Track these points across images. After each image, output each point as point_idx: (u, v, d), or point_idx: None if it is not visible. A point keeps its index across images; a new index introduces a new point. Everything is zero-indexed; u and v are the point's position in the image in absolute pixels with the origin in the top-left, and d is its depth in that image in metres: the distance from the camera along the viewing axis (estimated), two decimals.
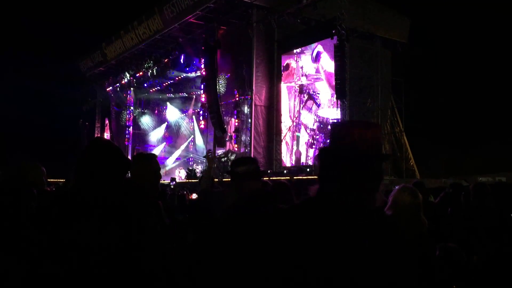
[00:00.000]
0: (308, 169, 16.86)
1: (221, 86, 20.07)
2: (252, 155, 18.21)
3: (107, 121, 30.43)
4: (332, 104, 17.07)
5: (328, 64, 17.22)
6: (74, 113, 30.22)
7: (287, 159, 18.76)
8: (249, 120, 19.19)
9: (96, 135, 30.07)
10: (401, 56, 19.78)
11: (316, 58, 17.76)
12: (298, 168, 17.57)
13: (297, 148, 18.44)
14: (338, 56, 15.41)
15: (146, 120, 29.37)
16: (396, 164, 19.69)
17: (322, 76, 17.60)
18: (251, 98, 18.71)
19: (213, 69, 18.95)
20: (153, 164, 3.11)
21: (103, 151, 2.17)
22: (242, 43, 19.10)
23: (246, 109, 20.14)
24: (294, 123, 18.63)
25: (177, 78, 25.44)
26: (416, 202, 3.16)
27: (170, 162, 27.83)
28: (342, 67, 15.40)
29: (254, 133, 18.56)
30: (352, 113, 17.35)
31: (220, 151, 20.25)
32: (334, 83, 15.99)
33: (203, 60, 20.44)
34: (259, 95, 18.75)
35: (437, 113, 19.68)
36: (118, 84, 28.15)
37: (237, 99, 20.49)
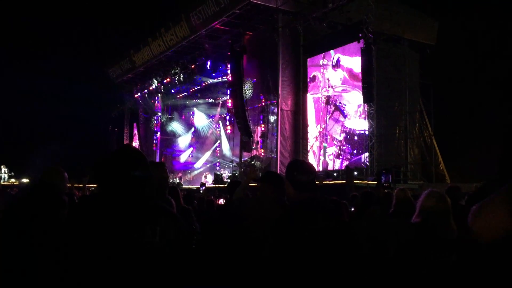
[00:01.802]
0: (335, 174, 16.73)
1: (248, 91, 20.15)
2: (278, 160, 18.21)
3: (135, 127, 30.92)
4: (359, 115, 16.95)
5: (348, 62, 17.20)
6: (104, 120, 30.84)
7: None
8: (275, 125, 19.19)
9: (124, 141, 30.58)
10: (430, 58, 19.46)
11: (337, 63, 17.71)
12: (326, 172, 17.46)
13: (324, 158, 18.32)
14: (365, 60, 15.28)
15: (173, 126, 29.70)
16: (426, 169, 19.35)
17: (346, 75, 17.45)
18: (277, 103, 18.70)
19: (239, 75, 19.05)
20: (159, 171, 3.23)
21: (128, 158, 2.20)
22: (268, 48, 19.15)
23: (272, 114, 20.15)
24: (321, 134, 18.54)
25: (203, 84, 25.67)
26: (444, 207, 3.09)
27: (197, 167, 28.05)
28: (369, 70, 15.25)
29: (280, 138, 18.54)
30: (380, 117, 17.15)
31: (247, 158, 20.29)
32: (358, 82, 15.90)
33: (229, 65, 20.57)
34: (285, 100, 18.74)
35: (468, 116, 19.25)
36: (146, 91, 28.60)
37: (263, 104, 20.52)
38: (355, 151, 17.04)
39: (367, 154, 16.27)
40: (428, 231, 3.05)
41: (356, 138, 17.12)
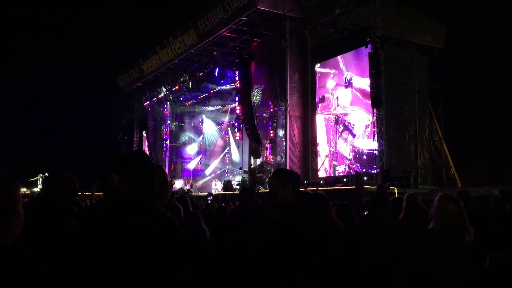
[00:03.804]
0: (345, 179, 16.66)
1: (256, 97, 20.17)
2: (288, 166, 18.16)
3: (145, 135, 31.06)
4: (367, 135, 16.94)
5: (359, 82, 17.21)
6: (114, 128, 31.03)
7: None
8: (284, 131, 19.17)
9: (134, 149, 30.72)
10: (438, 62, 19.38)
11: (349, 83, 17.69)
12: (336, 178, 17.39)
13: (335, 175, 18.32)
14: (373, 65, 15.23)
15: (182, 133, 29.80)
16: (437, 173, 19.21)
17: (358, 95, 17.43)
18: (286, 109, 18.70)
19: (248, 81, 19.08)
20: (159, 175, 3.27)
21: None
22: (276, 54, 19.18)
23: (281, 120, 20.15)
24: (331, 152, 18.57)
25: (212, 91, 25.76)
26: (460, 210, 3.06)
27: (206, 174, 28.09)
28: (377, 75, 15.20)
29: (289, 143, 18.51)
30: (389, 121, 17.07)
31: (256, 163, 20.26)
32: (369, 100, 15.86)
33: (237, 72, 20.62)
34: (293, 105, 18.73)
35: (478, 119, 19.11)
36: (155, 99, 28.74)
37: (272, 110, 20.52)
38: (364, 170, 17.00)
39: (376, 171, 16.18)
40: (446, 237, 3.02)
41: (365, 157, 17.13)
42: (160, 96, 27.76)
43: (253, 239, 3.78)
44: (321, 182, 17.34)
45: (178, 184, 27.50)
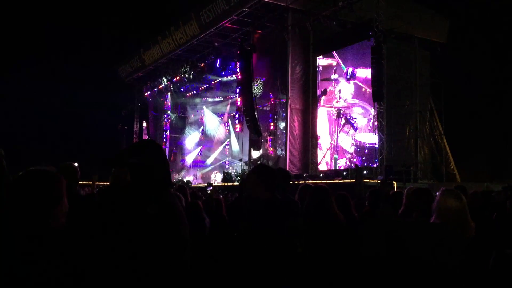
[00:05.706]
0: (344, 173, 16.68)
1: (257, 89, 20.13)
2: (287, 159, 18.19)
3: (145, 125, 31.03)
4: (369, 129, 16.90)
5: (363, 73, 17.11)
6: (114, 118, 30.94)
7: None
8: (285, 123, 19.17)
9: (134, 140, 30.71)
10: (440, 57, 19.31)
11: (352, 76, 17.61)
12: (336, 171, 17.41)
13: (335, 168, 18.34)
14: (375, 58, 15.18)
15: (182, 124, 29.78)
16: (436, 168, 19.22)
17: (364, 86, 17.36)
18: (287, 101, 18.69)
19: (249, 73, 19.04)
20: None
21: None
22: (277, 46, 19.13)
23: (281, 113, 20.14)
24: (332, 146, 18.56)
25: (213, 82, 25.71)
26: (462, 205, 3.07)
27: (208, 164, 28.10)
28: (379, 69, 15.17)
29: (289, 136, 18.52)
30: (390, 116, 17.04)
31: (256, 155, 20.27)
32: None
33: (239, 64, 20.57)
34: (294, 98, 18.71)
35: (479, 115, 19.09)
36: (155, 89, 28.71)
37: (272, 102, 20.51)
38: (365, 164, 17.01)
39: (377, 165, 16.17)
40: (447, 230, 3.02)
41: (366, 151, 17.12)
42: (161, 86, 27.72)
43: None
44: (321, 175, 17.36)
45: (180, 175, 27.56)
